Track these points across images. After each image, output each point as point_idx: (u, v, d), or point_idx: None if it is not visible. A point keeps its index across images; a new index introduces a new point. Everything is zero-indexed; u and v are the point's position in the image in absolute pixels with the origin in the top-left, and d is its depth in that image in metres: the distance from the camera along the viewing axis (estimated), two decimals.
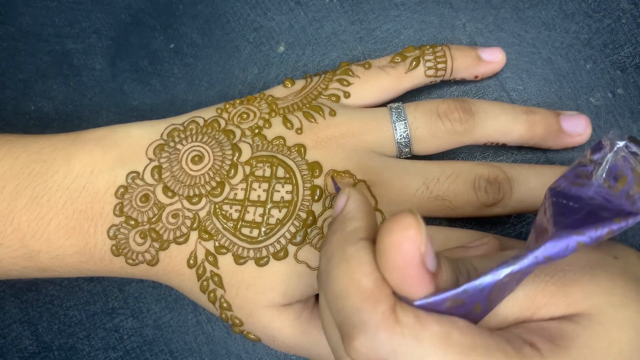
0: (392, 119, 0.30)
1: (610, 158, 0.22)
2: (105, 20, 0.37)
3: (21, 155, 0.29)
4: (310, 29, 0.36)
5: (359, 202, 0.23)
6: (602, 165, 0.22)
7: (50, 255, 0.28)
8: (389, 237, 0.19)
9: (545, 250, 0.19)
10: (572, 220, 0.20)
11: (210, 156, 0.29)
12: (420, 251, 0.19)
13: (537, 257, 0.19)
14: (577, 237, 0.19)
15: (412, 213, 0.19)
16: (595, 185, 0.22)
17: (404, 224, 0.19)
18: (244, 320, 0.29)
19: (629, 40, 0.34)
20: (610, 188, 0.21)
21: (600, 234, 0.20)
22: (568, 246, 0.19)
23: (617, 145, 0.22)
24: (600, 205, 0.21)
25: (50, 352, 0.34)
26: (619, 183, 0.21)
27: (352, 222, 0.22)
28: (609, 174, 0.22)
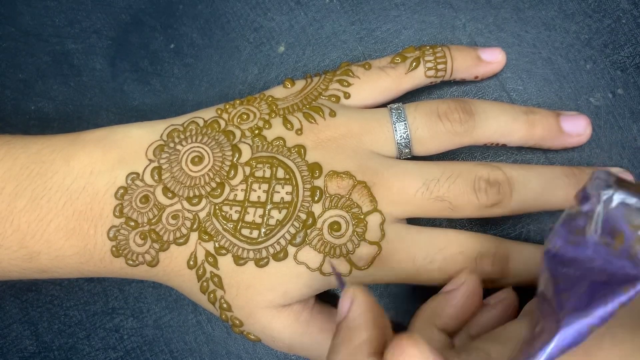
0: (392, 119, 0.30)
1: (600, 211, 0.20)
2: (105, 20, 0.37)
3: (20, 156, 0.29)
4: (310, 29, 0.36)
5: (364, 307, 0.22)
6: (594, 219, 0.20)
7: (50, 257, 0.28)
8: None
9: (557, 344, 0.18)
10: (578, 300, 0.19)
11: (210, 157, 0.29)
12: None
13: (552, 353, 0.18)
14: (586, 321, 0.18)
15: (414, 340, 0.19)
16: (592, 243, 0.20)
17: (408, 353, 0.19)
18: (244, 321, 0.29)
19: (629, 40, 0.34)
20: (608, 246, 0.20)
21: (611, 310, 0.18)
22: (580, 333, 0.18)
23: (604, 196, 0.20)
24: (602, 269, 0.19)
25: (50, 352, 0.34)
26: (616, 240, 0.20)
27: (359, 333, 0.22)
28: (603, 229, 0.20)
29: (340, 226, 0.28)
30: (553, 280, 0.20)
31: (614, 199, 0.20)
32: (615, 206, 0.20)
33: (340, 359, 0.21)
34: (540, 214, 0.32)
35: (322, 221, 0.28)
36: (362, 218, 0.28)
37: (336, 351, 0.22)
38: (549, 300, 0.20)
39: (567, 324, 0.18)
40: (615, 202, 0.20)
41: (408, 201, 0.29)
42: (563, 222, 0.21)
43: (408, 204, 0.29)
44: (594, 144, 0.33)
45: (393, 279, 0.29)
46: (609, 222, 0.20)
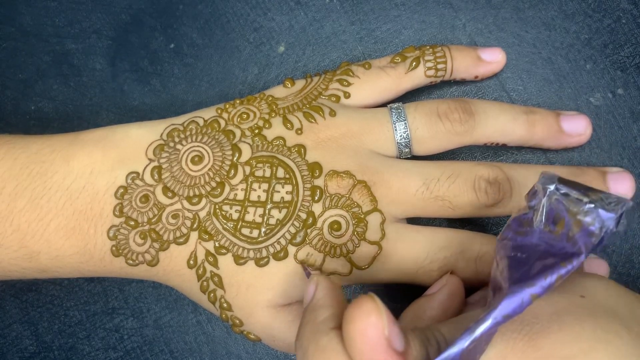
0: (392, 119, 0.30)
1: (545, 202, 0.23)
2: (105, 20, 0.37)
3: (20, 156, 0.29)
4: (310, 29, 0.36)
5: (326, 290, 0.24)
6: (540, 211, 0.23)
7: (50, 256, 0.28)
8: (353, 326, 0.20)
9: (502, 309, 0.20)
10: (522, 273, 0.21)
11: (210, 156, 0.29)
12: (384, 335, 0.19)
13: (496, 317, 0.20)
14: (529, 289, 0.20)
15: (370, 297, 0.20)
16: (538, 232, 0.23)
17: (364, 310, 0.20)
18: (244, 320, 0.29)
19: (629, 40, 0.34)
20: (551, 232, 0.22)
21: (550, 281, 0.20)
22: (523, 301, 0.20)
23: (548, 189, 0.23)
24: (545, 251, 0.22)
25: (50, 352, 0.34)
26: (558, 226, 0.22)
27: (322, 311, 0.23)
28: (547, 218, 0.23)
29: (341, 226, 0.28)
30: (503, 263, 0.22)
31: (557, 191, 0.23)
32: (558, 197, 0.23)
33: (304, 337, 0.22)
34: None
35: (323, 221, 0.28)
36: (362, 217, 0.28)
37: (301, 332, 0.22)
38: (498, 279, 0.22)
39: (511, 292, 0.20)
40: (558, 194, 0.23)
41: (408, 201, 0.29)
42: (514, 218, 0.24)
43: (408, 203, 0.29)
44: (594, 144, 0.33)
45: (393, 278, 0.29)
46: (552, 211, 0.23)
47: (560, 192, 0.23)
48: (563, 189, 0.23)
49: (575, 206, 0.22)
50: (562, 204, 0.23)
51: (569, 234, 0.22)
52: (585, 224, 0.22)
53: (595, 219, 0.22)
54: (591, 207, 0.22)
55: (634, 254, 0.32)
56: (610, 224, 0.22)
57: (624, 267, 0.32)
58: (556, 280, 0.20)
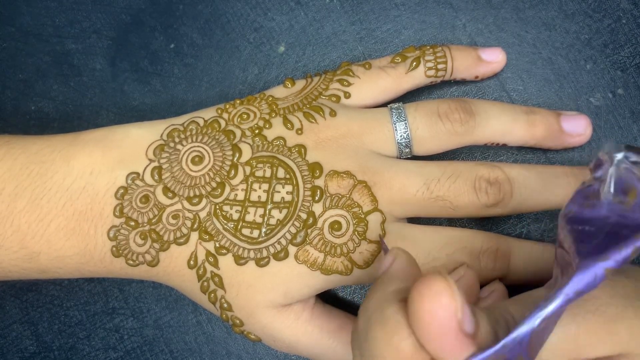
0: (393, 119, 0.30)
1: (613, 172, 0.21)
2: (105, 20, 0.37)
3: (20, 156, 0.29)
4: (310, 29, 0.36)
5: (405, 264, 0.23)
6: (607, 182, 0.21)
7: (50, 257, 0.28)
8: (421, 304, 0.18)
9: (574, 285, 0.18)
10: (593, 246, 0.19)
11: (211, 157, 0.29)
12: (457, 318, 0.18)
13: (568, 294, 0.18)
14: (602, 263, 0.18)
15: (442, 276, 0.18)
16: (606, 204, 0.21)
17: (435, 289, 0.18)
18: (245, 321, 0.29)
19: (629, 40, 0.34)
20: (622, 203, 0.21)
21: (625, 254, 0.19)
22: (596, 275, 0.18)
23: (616, 157, 0.21)
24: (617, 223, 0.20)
25: (50, 352, 0.34)
26: (629, 197, 0.21)
27: (395, 282, 0.22)
28: (616, 189, 0.21)
29: (341, 226, 0.28)
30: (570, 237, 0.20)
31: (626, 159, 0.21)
32: (627, 166, 0.21)
33: (371, 305, 0.21)
34: (540, 214, 0.32)
35: (323, 221, 0.28)
36: (362, 217, 0.28)
37: (368, 300, 0.21)
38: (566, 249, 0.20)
39: (584, 266, 0.18)
40: (628, 162, 0.21)
41: (408, 201, 0.29)
42: (578, 191, 0.22)
43: (408, 203, 0.29)
44: (594, 144, 0.33)
45: None
46: (622, 181, 0.21)
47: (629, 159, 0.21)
48: (632, 156, 0.21)
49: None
50: (632, 173, 0.21)
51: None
52: None
53: None
54: None
55: None
56: None
57: None
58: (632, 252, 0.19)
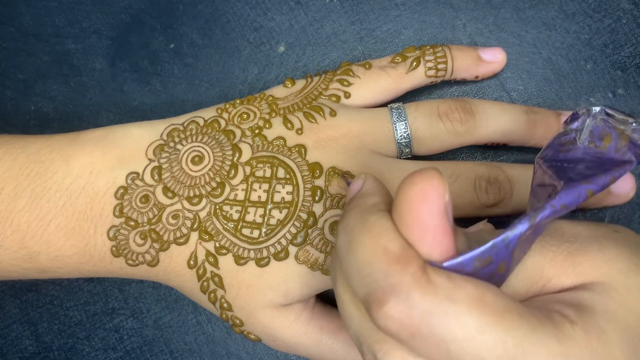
0: (393, 119, 0.30)
1: (589, 122, 0.23)
2: (105, 20, 0.37)
3: (19, 156, 0.29)
4: (310, 29, 0.36)
5: (376, 182, 0.23)
6: (584, 130, 0.23)
7: (50, 257, 0.28)
8: (412, 188, 0.19)
9: (561, 199, 0.19)
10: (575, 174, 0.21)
11: (211, 156, 0.29)
12: (444, 199, 0.18)
13: (555, 205, 0.19)
14: (586, 185, 0.20)
15: (433, 167, 0.19)
16: (582, 148, 0.23)
17: (425, 174, 0.19)
18: (245, 321, 0.29)
19: (630, 40, 0.34)
20: (597, 147, 0.22)
21: (605, 181, 0.20)
22: (580, 194, 0.20)
23: (594, 110, 0.23)
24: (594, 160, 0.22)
25: (50, 352, 0.34)
26: (604, 141, 0.22)
27: (372, 197, 0.22)
28: (592, 136, 0.23)
29: None
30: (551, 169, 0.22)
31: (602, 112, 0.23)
32: (603, 117, 0.23)
33: (351, 219, 0.21)
34: None
35: (323, 221, 0.28)
36: None
37: (347, 215, 0.21)
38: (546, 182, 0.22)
39: (569, 185, 0.20)
40: (604, 114, 0.23)
41: None
42: (554, 139, 0.24)
43: None
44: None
45: None
46: (598, 129, 0.23)
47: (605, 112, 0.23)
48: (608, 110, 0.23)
49: (622, 124, 0.23)
50: (609, 122, 0.23)
51: (616, 147, 0.22)
52: (633, 139, 0.22)
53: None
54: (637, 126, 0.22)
55: None
56: None
57: None
58: (610, 180, 0.20)
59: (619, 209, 0.32)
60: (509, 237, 0.19)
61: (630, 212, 0.32)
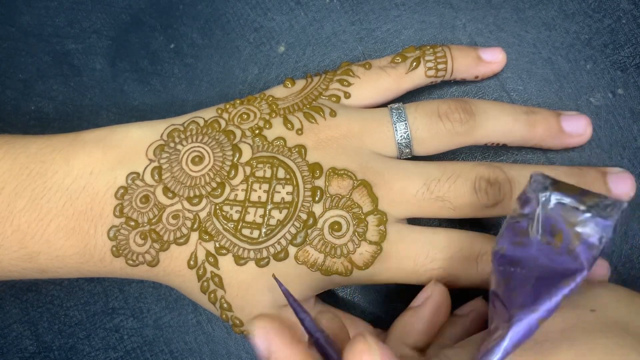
0: (393, 119, 0.30)
1: (540, 212, 0.22)
2: (105, 20, 0.37)
3: (20, 155, 0.29)
4: (310, 29, 0.36)
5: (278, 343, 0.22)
6: (535, 221, 0.22)
7: (50, 257, 0.28)
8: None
9: (512, 339, 0.20)
10: (525, 297, 0.21)
11: (211, 157, 0.29)
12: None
13: (507, 349, 0.20)
14: (535, 315, 0.20)
15: (362, 337, 0.19)
16: (536, 243, 0.22)
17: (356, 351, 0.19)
18: (245, 321, 0.29)
19: (629, 40, 0.34)
20: (549, 244, 0.22)
21: (555, 303, 0.20)
22: (530, 327, 0.20)
23: (542, 197, 0.22)
24: (546, 266, 0.21)
25: (50, 352, 0.34)
26: (556, 238, 0.22)
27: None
28: (544, 229, 0.22)
29: (341, 226, 0.28)
30: (503, 279, 0.22)
31: (551, 200, 0.22)
32: (553, 207, 0.22)
33: None
34: None
35: (323, 221, 0.28)
36: (362, 218, 0.28)
37: None
38: (501, 298, 0.21)
39: (518, 319, 0.20)
40: (552, 203, 0.22)
41: (409, 201, 0.29)
42: (507, 225, 0.23)
43: (409, 204, 0.29)
44: (594, 144, 0.33)
45: (393, 278, 0.29)
46: (549, 221, 0.22)
47: (554, 199, 0.22)
48: (557, 195, 0.22)
49: (572, 216, 0.22)
50: (558, 213, 0.22)
51: (569, 247, 0.21)
52: (585, 236, 0.21)
53: (594, 229, 0.21)
54: (588, 217, 0.21)
55: (634, 254, 0.32)
56: (608, 232, 0.21)
57: (624, 267, 0.32)
58: (561, 300, 0.20)
59: None
60: None
61: (630, 212, 0.32)
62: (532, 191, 0.23)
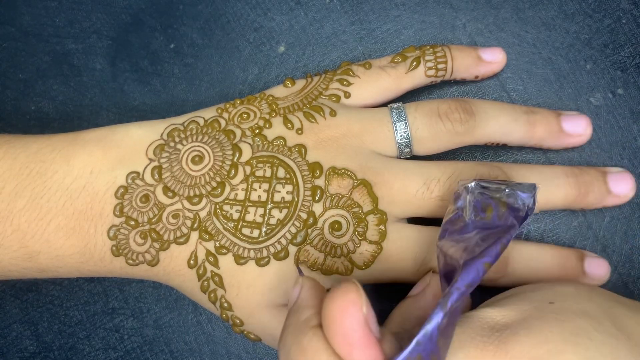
0: (393, 119, 0.30)
1: (469, 198, 0.26)
2: (105, 20, 0.37)
3: (20, 155, 0.29)
4: (310, 29, 0.36)
5: (310, 290, 0.24)
6: (467, 206, 0.26)
7: (50, 256, 0.28)
8: (332, 305, 0.20)
9: (462, 280, 0.21)
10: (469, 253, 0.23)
11: (211, 156, 0.29)
12: (362, 312, 0.20)
13: (459, 287, 0.21)
14: (481, 259, 0.22)
15: (351, 280, 0.20)
16: (471, 223, 0.25)
17: (343, 290, 0.20)
18: (245, 320, 0.29)
19: (629, 40, 0.34)
20: (482, 219, 0.25)
21: (496, 250, 0.22)
22: (478, 270, 0.22)
23: (469, 186, 0.26)
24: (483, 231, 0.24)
25: (50, 352, 0.34)
26: (487, 212, 0.25)
27: (305, 311, 0.22)
28: (475, 210, 0.25)
29: (341, 226, 0.28)
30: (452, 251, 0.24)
31: (477, 187, 0.26)
32: (480, 191, 0.26)
33: (287, 339, 0.22)
34: (540, 214, 0.32)
35: (323, 221, 0.28)
36: (362, 217, 0.28)
37: (284, 334, 0.22)
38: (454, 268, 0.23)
39: (467, 265, 0.22)
40: (479, 188, 0.26)
41: (408, 201, 0.29)
42: (445, 222, 0.26)
43: (408, 203, 0.29)
44: (594, 144, 0.33)
45: (394, 278, 0.29)
46: (479, 203, 0.26)
47: (480, 185, 0.26)
48: (482, 183, 0.26)
49: (497, 193, 0.26)
50: (486, 194, 0.26)
51: (498, 214, 0.25)
52: (510, 204, 0.25)
53: (517, 199, 0.25)
54: (511, 192, 0.25)
55: (634, 254, 0.32)
56: (529, 201, 0.25)
57: (624, 267, 0.32)
58: (501, 248, 0.23)
59: (619, 209, 0.32)
60: (429, 330, 0.20)
61: (630, 212, 0.32)
62: (460, 187, 0.27)
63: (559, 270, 0.30)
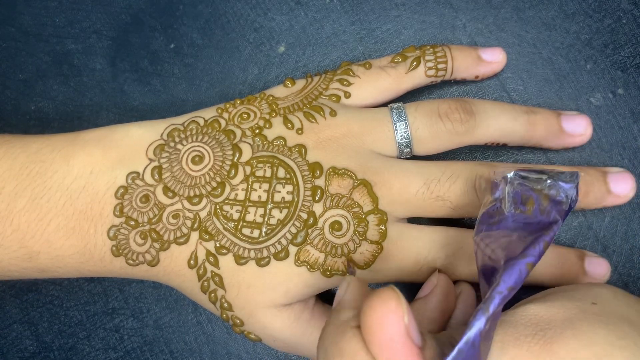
0: (393, 119, 0.30)
1: (508, 189, 0.25)
2: (105, 20, 0.37)
3: (20, 155, 0.29)
4: (310, 29, 0.36)
5: (357, 291, 0.23)
6: (506, 198, 0.25)
7: (50, 256, 0.28)
8: (372, 314, 0.19)
9: (505, 283, 0.21)
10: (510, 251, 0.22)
11: (211, 156, 0.29)
12: (404, 322, 0.19)
13: (502, 291, 0.20)
14: (523, 260, 0.21)
15: (391, 288, 0.20)
16: (510, 216, 0.24)
17: (383, 298, 0.19)
18: (245, 321, 0.29)
19: (630, 40, 0.34)
20: (523, 213, 0.24)
21: (539, 249, 0.22)
22: (521, 271, 0.21)
23: (508, 176, 0.25)
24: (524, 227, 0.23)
25: (50, 352, 0.34)
26: (528, 205, 0.24)
27: (347, 311, 0.22)
28: (515, 202, 0.24)
29: (342, 226, 0.28)
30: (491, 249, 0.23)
31: (516, 177, 0.25)
32: (519, 181, 0.25)
33: (327, 338, 0.22)
34: None
35: (323, 221, 0.28)
36: (363, 217, 0.28)
37: (324, 332, 0.22)
38: (490, 267, 0.22)
39: (508, 266, 0.21)
40: (518, 180, 0.25)
41: (409, 201, 0.29)
42: (482, 214, 0.25)
43: (409, 203, 0.29)
44: (594, 144, 0.33)
45: (395, 278, 0.29)
46: (518, 195, 0.25)
47: (519, 175, 0.25)
48: (521, 172, 0.25)
49: (538, 184, 0.24)
50: (525, 186, 0.25)
51: (540, 208, 0.24)
52: (552, 196, 0.24)
53: (559, 190, 0.24)
54: (552, 182, 0.24)
55: (635, 254, 0.32)
56: (572, 192, 0.24)
57: (624, 267, 0.32)
58: (544, 247, 0.22)
59: (619, 209, 0.32)
60: (471, 338, 0.19)
61: (630, 212, 0.32)
62: (498, 176, 0.26)
63: (560, 270, 0.30)
